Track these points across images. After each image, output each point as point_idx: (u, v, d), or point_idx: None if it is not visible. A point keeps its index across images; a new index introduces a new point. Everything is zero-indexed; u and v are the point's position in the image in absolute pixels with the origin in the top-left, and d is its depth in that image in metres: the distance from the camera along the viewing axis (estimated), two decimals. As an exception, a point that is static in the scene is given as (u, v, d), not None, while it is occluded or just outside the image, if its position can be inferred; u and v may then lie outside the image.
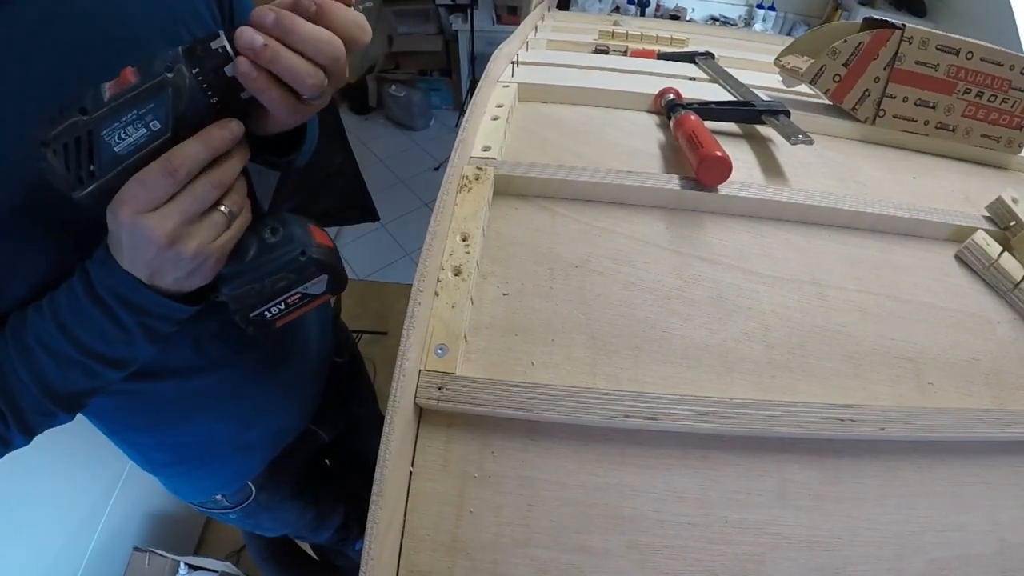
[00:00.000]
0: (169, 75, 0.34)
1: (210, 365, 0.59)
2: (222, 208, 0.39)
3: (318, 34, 0.35)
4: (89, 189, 0.35)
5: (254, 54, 0.34)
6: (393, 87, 3.29)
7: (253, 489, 0.77)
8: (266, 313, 0.46)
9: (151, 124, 0.35)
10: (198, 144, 0.36)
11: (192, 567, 1.32)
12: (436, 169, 3.05)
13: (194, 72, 0.35)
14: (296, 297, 0.47)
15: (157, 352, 0.47)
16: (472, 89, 3.08)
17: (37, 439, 0.47)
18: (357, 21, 0.37)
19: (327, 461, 1.09)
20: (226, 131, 0.37)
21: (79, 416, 0.51)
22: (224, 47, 0.35)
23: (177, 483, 0.74)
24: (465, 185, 0.50)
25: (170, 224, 0.36)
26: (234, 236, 0.42)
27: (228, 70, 0.35)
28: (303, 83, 0.35)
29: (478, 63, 3.04)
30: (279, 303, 0.46)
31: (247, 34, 0.34)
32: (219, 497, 0.75)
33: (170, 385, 0.58)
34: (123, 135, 0.34)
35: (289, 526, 0.95)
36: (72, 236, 0.41)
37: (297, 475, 0.86)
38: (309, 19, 0.35)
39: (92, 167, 0.35)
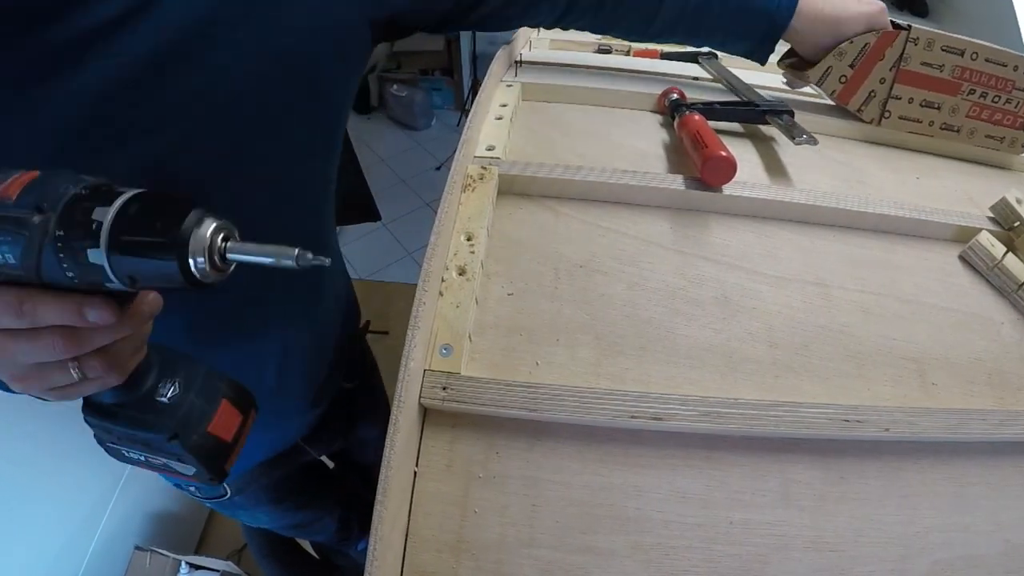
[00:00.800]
0: (35, 219, 0.28)
1: None
2: (72, 370, 0.32)
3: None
4: None
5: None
6: (395, 87, 3.29)
7: (228, 491, 0.77)
8: (124, 452, 0.40)
9: (6, 255, 0.28)
10: (56, 310, 0.29)
11: (193, 566, 1.32)
12: (438, 169, 3.05)
13: (57, 235, 0.27)
14: (159, 462, 0.40)
15: None
16: (474, 89, 3.09)
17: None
18: None
19: (330, 462, 1.09)
20: (97, 315, 0.29)
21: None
22: (100, 224, 0.27)
23: None
24: (469, 185, 0.50)
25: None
26: (85, 392, 0.35)
27: (91, 255, 0.27)
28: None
29: (480, 63, 3.04)
30: (140, 454, 0.40)
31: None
32: (192, 488, 0.74)
33: None
34: None
35: (270, 525, 0.94)
36: None
37: (278, 483, 0.84)
38: None
39: None
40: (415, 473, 0.37)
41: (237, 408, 0.41)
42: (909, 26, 0.63)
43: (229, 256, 0.29)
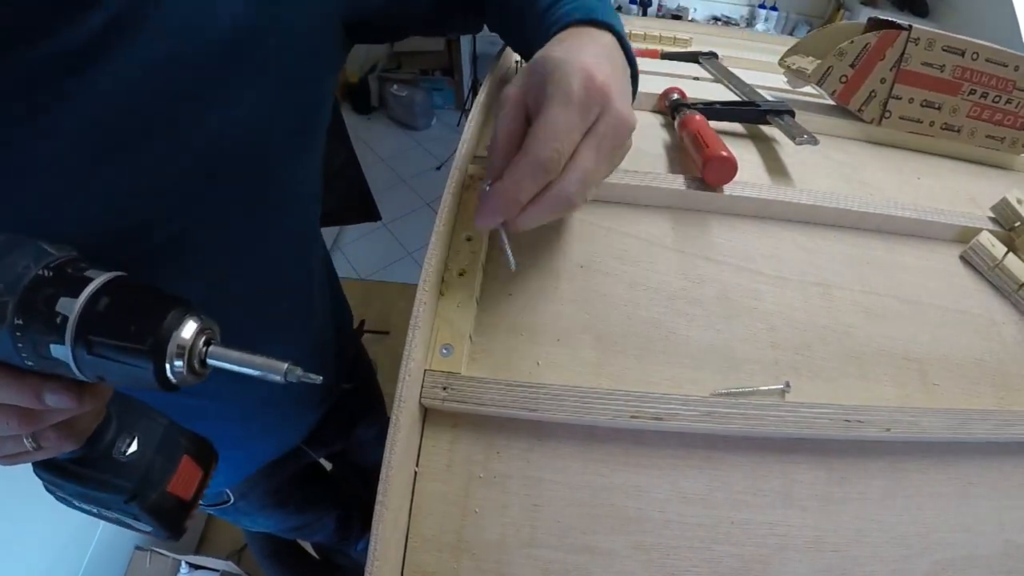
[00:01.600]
0: None
1: (209, 397, 0.58)
2: (26, 440, 0.31)
3: None
4: None
5: None
6: (395, 87, 3.29)
7: (231, 496, 0.77)
8: (74, 503, 0.38)
9: None
10: (12, 391, 0.28)
11: (193, 566, 1.32)
12: (438, 168, 3.06)
13: (16, 323, 0.25)
14: (112, 517, 0.38)
15: None
16: (474, 89, 3.09)
17: None
18: None
19: (328, 464, 1.09)
20: (52, 399, 0.28)
21: None
22: (65, 318, 0.25)
23: None
24: (470, 185, 0.50)
25: None
26: (38, 459, 0.33)
27: (54, 351, 0.25)
28: None
29: (480, 62, 3.04)
30: (90, 508, 0.38)
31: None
32: None
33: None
34: None
35: (272, 528, 0.95)
36: None
37: (280, 487, 0.84)
38: None
39: None
40: (415, 473, 0.37)
41: (198, 463, 0.39)
42: (910, 26, 0.63)
43: (209, 362, 0.27)
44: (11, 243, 0.26)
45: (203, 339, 0.27)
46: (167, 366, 0.25)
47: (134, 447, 0.36)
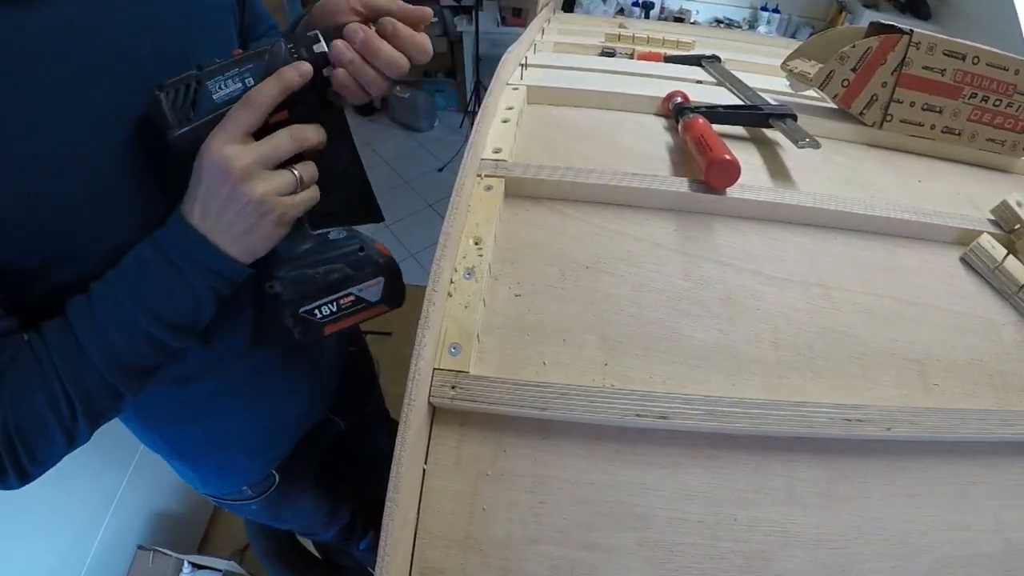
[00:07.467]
0: (271, 47, 0.42)
1: (239, 357, 0.60)
2: (294, 170, 0.44)
3: (391, 56, 0.43)
4: (184, 130, 0.40)
5: (343, 65, 0.43)
6: (398, 88, 3.30)
7: (276, 477, 0.78)
8: (316, 312, 0.48)
9: (247, 80, 0.41)
10: (272, 80, 0.41)
11: (196, 566, 1.32)
12: (441, 170, 3.06)
13: (289, 47, 0.42)
14: (349, 300, 0.49)
15: (198, 344, 0.51)
16: (477, 91, 3.09)
17: None
18: (423, 44, 0.45)
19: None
20: (296, 72, 0.42)
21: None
22: (316, 34, 0.43)
23: (206, 475, 0.75)
24: (477, 187, 0.51)
25: (247, 159, 0.41)
26: (299, 204, 0.45)
27: (316, 48, 0.43)
28: (374, 88, 0.45)
29: (483, 65, 3.04)
30: (331, 302, 0.48)
31: (340, 48, 0.43)
32: (245, 488, 0.77)
33: (206, 382, 0.60)
34: (223, 86, 0.41)
35: (307, 518, 0.96)
36: (147, 215, 0.44)
37: (316, 464, 0.87)
38: (387, 38, 0.43)
39: (192, 113, 0.40)
40: (424, 471, 0.38)
41: (380, 244, 0.50)
42: (911, 31, 0.64)
43: None
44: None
45: None
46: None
47: (338, 233, 0.48)
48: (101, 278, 0.43)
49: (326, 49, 0.43)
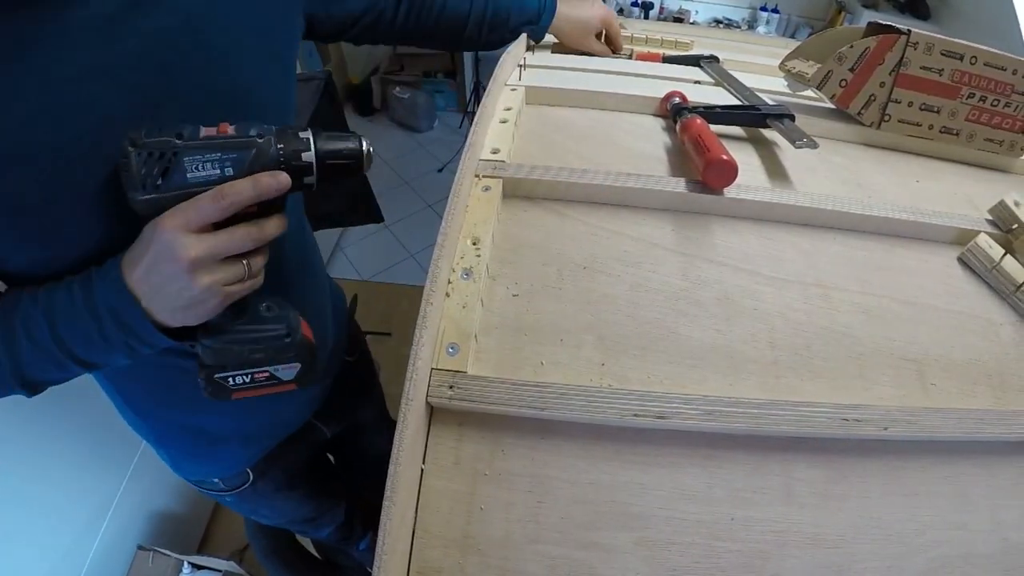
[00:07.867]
0: (259, 140, 0.41)
1: None
2: (244, 262, 0.44)
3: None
4: (148, 197, 0.39)
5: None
6: (397, 89, 3.30)
7: (251, 475, 0.79)
8: (230, 379, 0.48)
9: (226, 169, 0.40)
10: (249, 183, 0.40)
11: (196, 566, 1.32)
12: (440, 171, 3.06)
13: (278, 147, 0.41)
14: (264, 375, 0.49)
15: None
16: (476, 91, 3.09)
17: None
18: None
19: (331, 458, 1.10)
20: (275, 182, 0.41)
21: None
22: (308, 139, 0.42)
23: (178, 460, 0.75)
24: (475, 187, 0.51)
25: (200, 250, 0.40)
26: (241, 292, 0.45)
27: (305, 156, 0.42)
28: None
29: (482, 65, 3.04)
30: (247, 374, 0.48)
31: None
32: (216, 480, 0.77)
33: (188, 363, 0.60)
34: (200, 168, 0.39)
35: (285, 516, 0.96)
36: (117, 229, 0.44)
37: (296, 467, 0.87)
38: None
39: (159, 182, 0.39)
40: (422, 470, 0.38)
41: (305, 322, 0.51)
42: (909, 31, 0.64)
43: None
44: (253, 123, 0.42)
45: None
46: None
47: (272, 308, 0.49)
48: (34, 291, 0.44)
49: (314, 160, 0.42)
